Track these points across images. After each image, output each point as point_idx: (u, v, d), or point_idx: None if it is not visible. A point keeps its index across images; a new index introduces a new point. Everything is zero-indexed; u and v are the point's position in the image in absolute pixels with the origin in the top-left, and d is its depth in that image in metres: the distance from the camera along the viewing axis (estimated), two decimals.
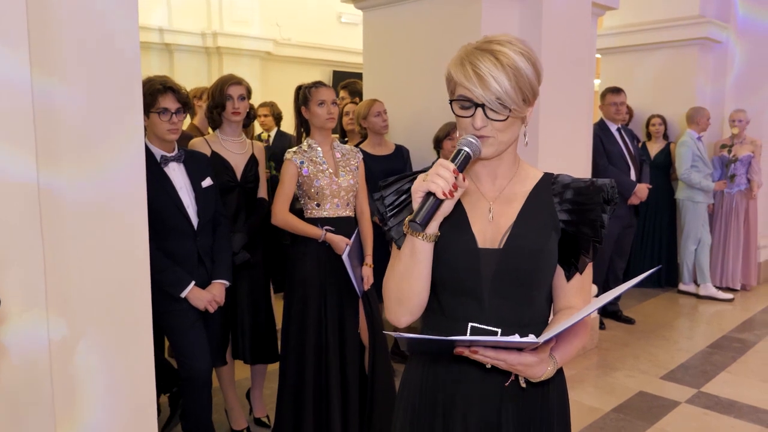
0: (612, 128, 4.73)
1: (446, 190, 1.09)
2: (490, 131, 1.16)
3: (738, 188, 5.50)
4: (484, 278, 1.20)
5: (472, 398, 1.24)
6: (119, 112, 2.02)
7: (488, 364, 1.14)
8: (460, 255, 1.21)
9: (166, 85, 2.43)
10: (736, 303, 5.34)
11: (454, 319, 1.23)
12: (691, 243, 5.45)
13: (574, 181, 1.28)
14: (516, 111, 1.15)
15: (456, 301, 1.24)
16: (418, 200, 1.12)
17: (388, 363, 2.83)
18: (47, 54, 1.86)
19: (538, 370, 1.14)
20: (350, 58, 7.40)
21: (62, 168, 1.93)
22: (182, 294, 2.44)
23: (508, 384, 1.21)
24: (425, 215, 1.11)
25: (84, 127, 1.95)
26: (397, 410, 1.37)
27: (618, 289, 1.12)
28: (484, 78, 1.12)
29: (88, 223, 1.99)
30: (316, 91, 2.70)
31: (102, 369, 2.07)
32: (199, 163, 2.62)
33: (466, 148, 1.15)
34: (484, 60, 1.13)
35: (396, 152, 3.64)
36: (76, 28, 1.90)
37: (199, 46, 6.41)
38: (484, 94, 1.13)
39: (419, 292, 1.22)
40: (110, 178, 2.02)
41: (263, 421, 3.12)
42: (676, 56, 5.64)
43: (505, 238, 1.21)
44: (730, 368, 3.91)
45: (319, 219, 2.70)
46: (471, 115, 1.16)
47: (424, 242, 1.17)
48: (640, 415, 3.27)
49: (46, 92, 1.86)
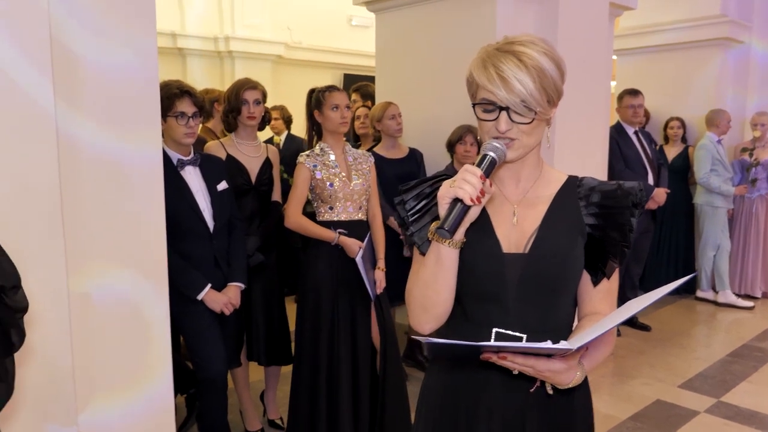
0: (629, 131, 4.66)
1: (474, 196, 1.07)
2: (516, 134, 1.13)
3: (759, 193, 5.40)
4: (509, 283, 1.18)
5: (496, 405, 1.21)
6: (138, 117, 2.03)
7: (515, 371, 1.11)
8: (484, 260, 1.19)
9: (183, 89, 2.46)
10: (756, 311, 5.23)
11: (477, 325, 1.21)
12: (710, 249, 5.36)
13: (601, 184, 1.24)
14: (541, 113, 1.12)
15: (480, 306, 1.21)
16: (445, 206, 1.10)
17: (399, 366, 2.82)
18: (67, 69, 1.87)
19: (566, 377, 1.11)
20: (361, 61, 7.40)
21: (83, 170, 1.94)
22: (199, 296, 2.45)
23: (533, 390, 1.19)
24: (453, 222, 1.09)
25: (103, 132, 1.96)
26: (417, 416, 1.35)
27: (653, 295, 1.08)
28: (508, 80, 1.09)
29: (107, 225, 2.01)
30: (329, 95, 2.69)
31: (121, 370, 2.09)
32: (214, 166, 2.63)
33: (492, 153, 1.12)
34: (507, 62, 1.10)
35: (410, 156, 3.62)
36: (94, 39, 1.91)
37: (212, 51, 6.44)
38: (508, 97, 1.10)
39: (445, 299, 1.19)
40: (128, 182, 2.03)
41: (277, 423, 3.12)
42: (696, 57, 5.55)
43: (531, 242, 1.19)
44: (751, 378, 3.83)
45: (332, 222, 2.70)
46: (495, 118, 1.13)
47: (450, 249, 1.14)
48: (658, 424, 3.21)
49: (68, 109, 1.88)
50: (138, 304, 2.09)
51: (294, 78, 6.67)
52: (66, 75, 1.87)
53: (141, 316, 2.11)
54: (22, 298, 1.23)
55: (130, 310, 2.08)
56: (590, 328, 1.09)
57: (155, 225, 2.13)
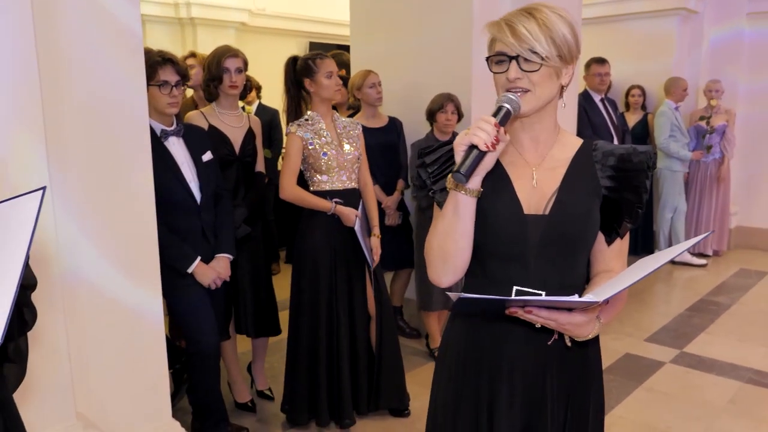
0: (596, 99, 4.80)
1: (488, 142, 1.12)
2: (527, 84, 1.18)
3: (713, 157, 5.67)
4: (530, 243, 1.23)
5: (518, 357, 1.28)
6: (122, 87, 1.98)
7: (538, 324, 1.17)
8: (506, 221, 1.24)
9: (165, 57, 2.38)
10: (709, 268, 5.55)
11: (497, 283, 1.26)
12: (668, 211, 5.62)
13: (616, 147, 1.31)
14: (549, 60, 1.16)
15: (500, 265, 1.26)
16: (461, 153, 1.15)
17: (394, 333, 2.88)
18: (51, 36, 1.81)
19: (585, 330, 1.18)
20: (328, 29, 7.27)
21: (70, 144, 1.90)
22: (189, 269, 2.43)
23: (551, 343, 1.26)
24: (469, 166, 1.13)
25: (89, 102, 1.91)
26: (439, 370, 1.40)
27: (669, 253, 1.15)
28: (517, 29, 1.16)
29: (96, 199, 1.97)
30: (322, 62, 2.67)
31: (114, 348, 2.08)
32: (198, 136, 2.58)
33: (507, 105, 1.17)
34: (518, 15, 1.18)
35: (390, 124, 3.63)
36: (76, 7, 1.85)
37: (172, 17, 6.20)
38: (516, 43, 1.15)
39: (463, 249, 1.23)
40: (116, 154, 1.99)
41: (266, 393, 3.15)
42: (656, 27, 5.71)
43: (551, 204, 1.24)
44: (709, 329, 4.10)
45: (327, 192, 2.69)
46: (506, 70, 1.18)
47: (467, 197, 1.19)
48: (629, 375, 3.41)
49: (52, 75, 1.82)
50: (129, 279, 2.07)
51: (258, 46, 6.49)
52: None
53: (132, 291, 2.08)
54: (31, 276, 1.21)
55: (122, 285, 2.06)
56: (610, 282, 1.15)
57: (144, 198, 2.10)
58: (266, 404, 3.07)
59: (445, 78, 3.55)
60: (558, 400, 1.29)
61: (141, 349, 2.15)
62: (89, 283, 1.99)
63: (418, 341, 3.79)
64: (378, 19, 3.88)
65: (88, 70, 1.90)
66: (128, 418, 2.12)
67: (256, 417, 2.97)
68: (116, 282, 2.05)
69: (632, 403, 3.09)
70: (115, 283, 2.04)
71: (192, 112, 2.88)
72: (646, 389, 3.24)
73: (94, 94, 1.92)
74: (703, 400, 3.12)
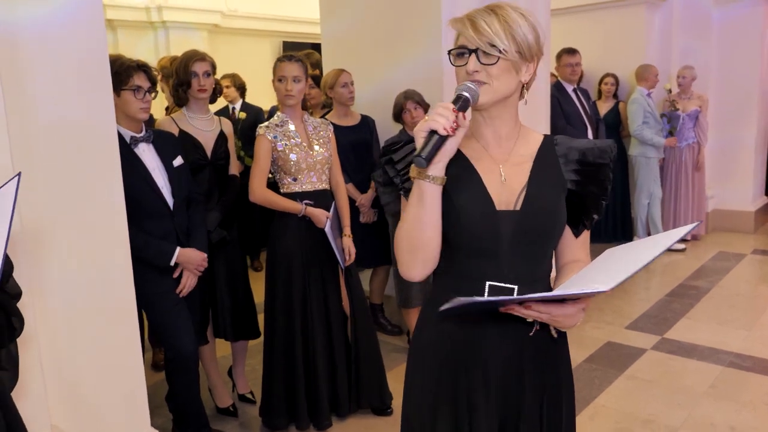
0: (568, 89, 4.84)
1: (447, 126, 1.13)
2: (485, 77, 1.20)
3: (686, 142, 5.73)
4: (503, 239, 1.24)
5: (493, 352, 1.29)
6: (89, 93, 1.96)
7: (530, 318, 1.18)
8: (479, 218, 1.24)
9: (140, 63, 2.41)
10: (687, 252, 5.61)
11: (470, 279, 1.27)
12: (644, 197, 5.67)
13: (577, 142, 1.33)
14: (507, 54, 1.19)
15: (473, 261, 1.27)
16: (421, 140, 1.15)
17: (371, 331, 2.88)
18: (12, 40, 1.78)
19: (574, 320, 1.18)
20: (300, 28, 7.26)
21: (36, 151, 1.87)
22: (171, 261, 2.43)
23: (533, 333, 1.27)
24: (430, 151, 1.13)
25: (55, 110, 1.89)
26: (413, 371, 1.40)
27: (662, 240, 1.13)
28: (478, 23, 1.19)
29: (65, 206, 1.95)
30: (277, 65, 2.69)
31: (89, 352, 2.05)
32: (167, 142, 2.57)
33: (465, 93, 1.19)
34: (481, 13, 1.21)
35: (362, 123, 3.63)
36: (39, 11, 1.83)
37: (144, 21, 6.16)
38: (476, 37, 1.18)
39: (430, 238, 1.23)
40: (86, 161, 1.97)
41: (247, 396, 3.13)
42: (625, 15, 5.75)
43: (521, 199, 1.25)
44: (689, 314, 4.14)
45: (296, 194, 2.69)
46: (466, 63, 1.21)
47: (431, 185, 1.19)
48: (611, 363, 3.44)
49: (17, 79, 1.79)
50: (103, 287, 2.05)
51: (231, 48, 6.48)
52: None
53: (106, 298, 2.06)
54: (15, 285, 1.22)
55: (96, 292, 2.03)
56: (617, 269, 1.11)
57: (115, 205, 2.08)
58: (248, 408, 3.05)
59: (416, 75, 3.55)
60: (534, 391, 1.31)
61: (117, 357, 2.12)
62: (62, 292, 1.96)
63: (400, 338, 3.80)
64: (347, 18, 3.87)
65: (52, 83, 1.88)
66: (106, 429, 2.10)
67: (238, 421, 2.95)
68: (89, 291, 2.02)
69: (614, 392, 3.11)
70: (88, 291, 2.02)
71: (162, 118, 2.88)
72: (628, 377, 3.27)
73: (60, 106, 1.90)
74: (684, 386, 3.15)
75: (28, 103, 1.85)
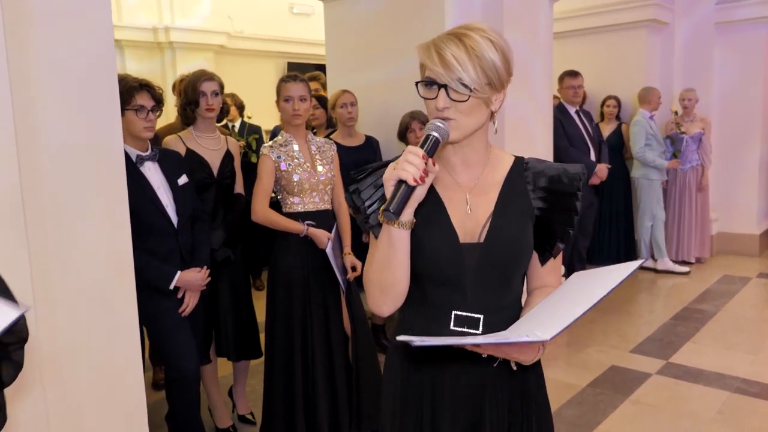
0: (571, 111, 4.85)
1: (417, 177, 1.09)
2: (454, 113, 1.16)
3: (690, 165, 5.73)
4: (467, 270, 1.24)
5: (458, 382, 1.28)
6: (97, 112, 1.98)
7: (485, 354, 1.18)
8: (443, 251, 1.24)
9: (142, 82, 2.42)
10: (692, 275, 5.58)
11: (436, 308, 1.27)
12: (647, 220, 5.66)
13: (547, 168, 1.31)
14: (478, 92, 1.15)
15: (439, 291, 1.27)
16: (391, 189, 1.12)
17: (372, 351, 2.85)
18: (24, 63, 1.80)
19: (530, 355, 1.19)
20: (305, 49, 7.34)
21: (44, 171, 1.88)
22: (171, 285, 2.41)
23: (496, 365, 1.26)
24: (398, 203, 1.11)
25: (64, 129, 1.90)
26: (384, 398, 1.40)
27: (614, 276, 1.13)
28: (446, 58, 1.14)
29: (71, 225, 1.95)
30: (282, 86, 2.70)
31: (91, 373, 2.04)
32: (173, 161, 2.59)
33: (435, 133, 1.15)
34: (448, 43, 1.15)
35: (366, 143, 3.64)
36: (51, 32, 1.85)
37: (151, 42, 6.24)
38: (445, 74, 1.14)
39: (400, 279, 1.23)
40: (92, 180, 1.98)
41: (247, 417, 3.10)
42: (626, 38, 5.80)
43: (485, 230, 1.25)
44: (694, 338, 4.10)
45: (299, 213, 2.69)
46: (435, 96, 1.17)
47: (400, 230, 1.17)
48: (616, 388, 3.39)
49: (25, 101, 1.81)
50: (106, 304, 2.03)
51: (237, 68, 6.54)
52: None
53: (109, 316, 2.05)
54: (22, 329, 1.16)
55: (98, 310, 2.02)
56: (550, 307, 1.14)
57: (120, 223, 2.08)
58: (248, 429, 3.02)
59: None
60: (499, 419, 1.29)
61: (118, 375, 2.11)
62: (64, 309, 1.95)
63: None
64: (352, 39, 3.90)
65: (62, 103, 1.89)
66: None
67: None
68: (92, 309, 2.01)
69: (619, 417, 3.06)
70: (90, 310, 2.01)
71: (170, 137, 2.89)
72: (633, 402, 3.22)
73: (69, 126, 1.91)
74: (690, 412, 3.10)
75: (39, 122, 1.86)
